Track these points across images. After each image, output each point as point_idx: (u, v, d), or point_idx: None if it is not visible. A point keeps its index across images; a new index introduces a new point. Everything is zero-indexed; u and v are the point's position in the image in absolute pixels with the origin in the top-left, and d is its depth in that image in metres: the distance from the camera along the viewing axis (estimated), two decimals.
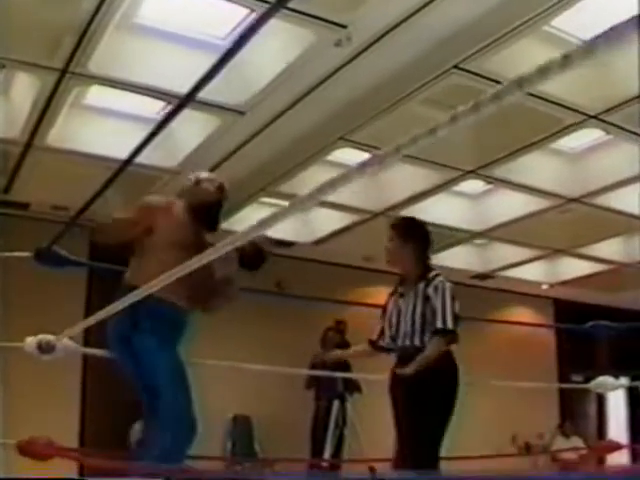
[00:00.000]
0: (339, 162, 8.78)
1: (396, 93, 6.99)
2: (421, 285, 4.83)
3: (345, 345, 10.49)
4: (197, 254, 4.56)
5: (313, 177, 8.84)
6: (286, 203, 8.29)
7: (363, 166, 1.68)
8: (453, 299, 4.75)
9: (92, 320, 3.78)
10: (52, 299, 9.01)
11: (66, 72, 6.58)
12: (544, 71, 1.29)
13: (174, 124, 7.32)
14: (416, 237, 4.86)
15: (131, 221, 4.51)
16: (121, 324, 4.36)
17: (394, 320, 4.90)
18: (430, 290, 4.78)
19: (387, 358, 5.06)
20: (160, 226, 4.45)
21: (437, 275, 4.86)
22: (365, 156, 8.65)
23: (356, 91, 7.01)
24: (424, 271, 4.88)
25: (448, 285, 4.79)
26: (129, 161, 3.20)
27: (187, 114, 6.92)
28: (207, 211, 4.70)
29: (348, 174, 1.73)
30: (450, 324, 4.67)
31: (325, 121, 7.58)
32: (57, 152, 8.13)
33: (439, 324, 4.67)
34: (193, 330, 4.54)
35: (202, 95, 2.48)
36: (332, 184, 1.77)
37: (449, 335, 4.68)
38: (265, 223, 2.08)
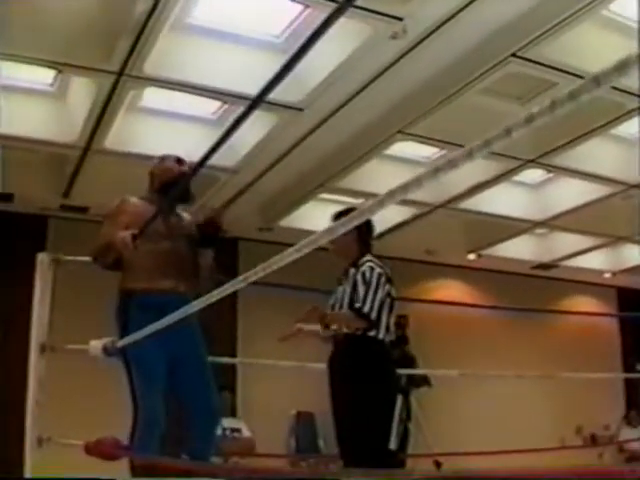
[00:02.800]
0: (398, 156, 8.74)
1: (453, 84, 6.90)
2: (352, 271, 4.81)
3: (405, 340, 10.45)
4: (173, 237, 4.63)
5: (372, 172, 8.80)
6: (346, 199, 8.32)
7: (436, 170, 1.61)
8: (378, 285, 4.70)
9: (150, 329, 3.75)
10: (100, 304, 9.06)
11: (122, 75, 6.60)
12: (622, 66, 1.20)
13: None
14: (356, 227, 4.75)
15: (107, 238, 4.49)
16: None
17: (330, 307, 4.86)
18: (358, 276, 4.75)
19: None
20: (129, 225, 4.43)
21: (368, 261, 4.82)
22: (424, 149, 8.60)
23: (413, 84, 6.96)
24: (359, 258, 4.83)
25: (377, 271, 4.74)
26: (202, 164, 3.16)
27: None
28: (170, 187, 4.65)
29: (421, 177, 1.66)
30: (367, 309, 4.62)
31: (383, 115, 7.54)
32: (115, 155, 8.18)
33: (357, 305, 4.67)
34: (194, 318, 4.46)
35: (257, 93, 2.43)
36: (405, 188, 1.70)
37: (363, 317, 4.63)
38: (340, 226, 2.01)
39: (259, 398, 10.68)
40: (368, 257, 4.84)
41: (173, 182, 4.67)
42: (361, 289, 4.70)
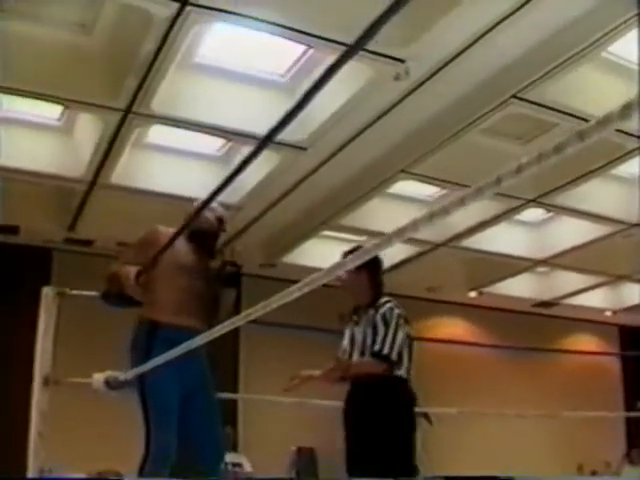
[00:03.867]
0: (400, 194, 8.77)
1: (455, 124, 6.95)
2: (371, 312, 4.76)
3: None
4: (202, 277, 4.67)
5: (375, 210, 8.83)
6: (348, 236, 8.33)
7: (445, 207, 1.65)
8: (397, 326, 4.68)
9: (157, 361, 3.77)
10: (104, 338, 9.09)
11: (129, 112, 6.65)
12: (629, 108, 1.24)
13: (236, 161, 7.39)
14: (368, 265, 4.76)
15: (132, 263, 4.52)
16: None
17: (347, 348, 4.84)
18: (378, 317, 4.71)
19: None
20: (161, 256, 4.45)
21: (387, 302, 4.78)
22: (426, 188, 8.64)
23: (416, 124, 7.01)
24: (375, 297, 4.82)
25: (396, 312, 4.73)
26: (208, 202, 3.21)
27: (248, 151, 6.95)
28: (204, 238, 4.70)
29: (431, 215, 1.69)
30: (387, 350, 4.61)
31: (385, 154, 7.59)
32: (121, 190, 8.20)
33: (376, 347, 4.62)
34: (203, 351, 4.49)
35: (263, 132, 2.47)
36: (414, 225, 1.73)
37: (383, 360, 4.61)
38: (344, 264, 2.06)
39: (260, 433, 10.66)
40: (386, 298, 4.83)
41: (205, 234, 4.72)
42: (381, 330, 4.69)
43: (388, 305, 4.74)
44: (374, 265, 4.86)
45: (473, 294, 12.05)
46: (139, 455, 4.20)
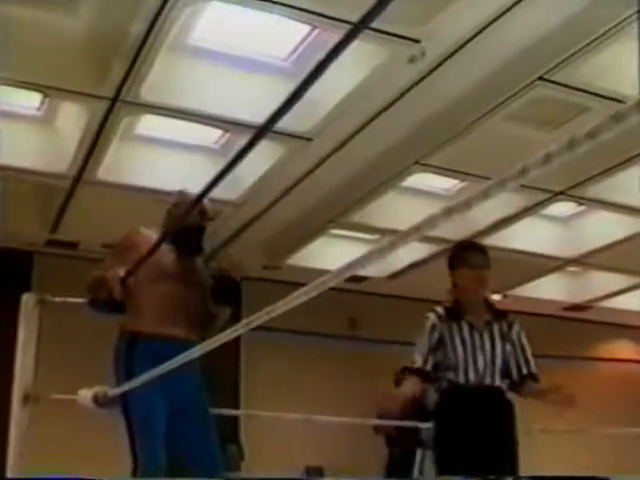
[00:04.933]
0: (415, 188, 8.76)
1: (476, 110, 6.94)
2: (501, 322, 4.86)
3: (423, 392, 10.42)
4: (188, 281, 4.67)
5: (388, 205, 8.82)
6: (359, 235, 8.32)
7: (465, 202, 1.64)
8: None
9: (151, 375, 3.78)
10: (90, 349, 9.08)
11: (116, 100, 6.65)
12: None
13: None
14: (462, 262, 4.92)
15: (99, 273, 4.52)
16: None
17: (461, 352, 4.82)
18: (514, 332, 4.86)
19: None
20: (136, 261, 4.44)
21: (508, 312, 4.98)
22: (444, 181, 8.63)
23: (432, 110, 6.98)
24: (490, 304, 4.93)
25: None
26: (201, 197, 3.21)
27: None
28: (187, 236, 4.68)
29: (450, 210, 1.68)
30: (535, 369, 4.87)
31: (399, 144, 7.56)
32: (108, 186, 8.22)
33: (533, 368, 4.86)
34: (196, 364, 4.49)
35: (263, 121, 2.47)
36: (432, 220, 1.73)
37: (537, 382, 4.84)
38: (355, 264, 2.04)
39: (264, 451, 10.67)
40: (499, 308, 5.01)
41: (188, 231, 4.70)
42: (529, 349, 4.86)
43: (517, 319, 4.91)
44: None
45: (497, 297, 12.02)
46: (126, 474, 4.23)
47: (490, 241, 9.87)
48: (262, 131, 2.47)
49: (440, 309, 4.96)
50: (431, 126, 7.19)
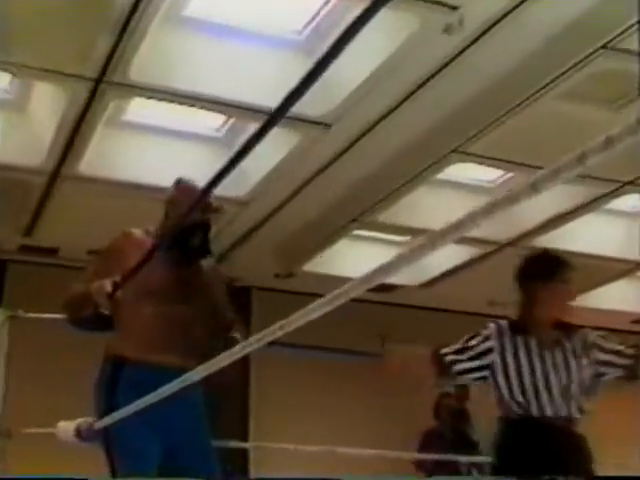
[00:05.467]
0: (453, 181, 8.75)
1: (525, 88, 6.90)
2: (571, 336, 4.87)
3: (464, 415, 10.46)
4: (189, 294, 4.63)
5: (421, 201, 8.81)
6: (387, 236, 8.31)
7: (512, 196, 1.64)
8: None
9: (137, 406, 3.81)
10: (71, 373, 9.08)
11: (101, 81, 6.66)
12: None
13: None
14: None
15: (82, 286, 4.52)
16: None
17: (528, 375, 4.82)
18: (589, 343, 4.87)
19: None
20: (126, 270, 4.42)
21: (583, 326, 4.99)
22: (487, 172, 8.61)
23: (472, 89, 6.97)
24: (559, 318, 4.99)
25: None
26: (205, 193, 3.23)
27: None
28: (189, 236, 4.67)
29: (495, 204, 1.68)
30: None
31: (433, 130, 7.54)
32: (92, 182, 8.25)
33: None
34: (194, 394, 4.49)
35: (274, 105, 2.48)
36: (472, 218, 1.73)
37: None
38: (384, 270, 2.05)
39: None
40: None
41: (190, 230, 4.67)
42: (622, 349, 4.93)
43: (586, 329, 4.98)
44: None
45: None
46: None
47: (542, 242, 9.85)
48: (276, 116, 2.48)
49: (503, 322, 5.06)
50: (471, 108, 7.17)
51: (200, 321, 4.65)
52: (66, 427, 4.79)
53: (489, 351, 4.93)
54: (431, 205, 8.79)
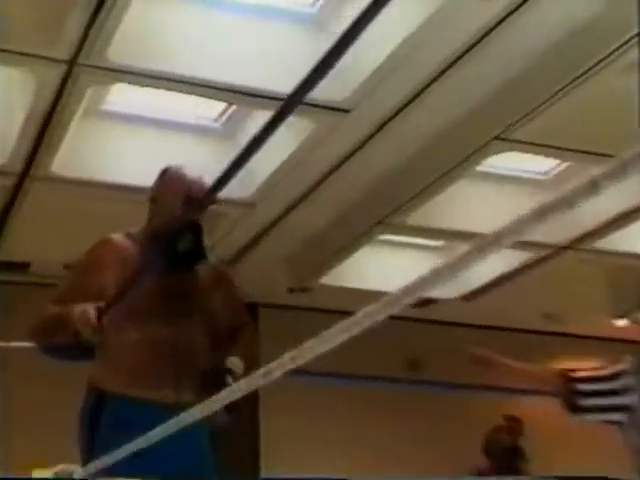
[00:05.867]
0: (497, 173, 8.71)
1: (582, 59, 6.83)
2: None
3: (519, 453, 10.45)
4: (183, 312, 4.57)
5: (457, 199, 8.76)
6: (418, 240, 8.28)
7: (570, 192, 1.57)
8: None
9: (127, 450, 3.79)
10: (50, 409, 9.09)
11: (75, 64, 6.65)
12: None
13: (242, 133, 7.38)
14: None
15: (59, 310, 4.50)
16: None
17: None
18: None
19: None
20: (108, 285, 4.40)
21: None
22: (536, 161, 8.58)
23: (517, 63, 6.93)
24: None
25: None
26: (210, 195, 3.23)
27: (261, 120, 6.90)
28: (175, 239, 4.54)
29: (550, 207, 1.63)
30: None
31: (473, 112, 7.49)
32: (67, 184, 8.27)
33: None
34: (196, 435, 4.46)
35: (282, 90, 2.47)
36: (522, 223, 1.67)
37: None
38: (421, 285, 1.98)
39: None
40: None
41: (177, 231, 4.59)
42: None
43: None
44: None
45: (620, 322, 11.94)
46: None
47: (606, 244, 9.81)
48: (290, 104, 2.45)
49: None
50: (516, 86, 7.13)
51: (199, 342, 4.61)
52: (41, 475, 4.77)
53: (628, 390, 4.82)
54: (470, 202, 8.75)
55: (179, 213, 4.56)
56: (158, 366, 4.45)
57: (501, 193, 8.67)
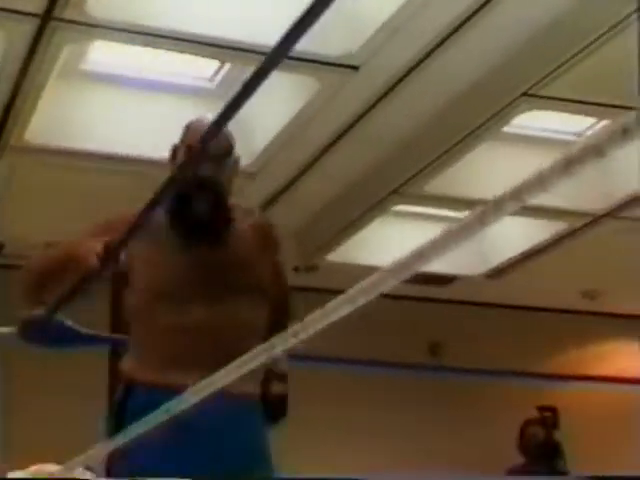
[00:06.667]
0: (524, 134, 8.69)
1: (615, 13, 6.86)
2: None
3: (555, 447, 10.43)
4: (210, 283, 4.51)
5: (481, 163, 8.75)
6: (436, 211, 8.34)
7: (601, 146, 1.54)
8: None
9: (122, 440, 3.82)
10: (58, 397, 9.14)
11: (50, 18, 6.64)
12: None
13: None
14: None
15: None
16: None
17: None
18: None
19: None
20: (136, 267, 4.43)
21: None
22: (567, 120, 8.57)
23: (547, 10, 6.93)
24: None
25: None
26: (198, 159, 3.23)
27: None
28: (189, 201, 4.52)
29: (578, 159, 1.61)
30: None
31: (496, 68, 7.46)
32: (43, 154, 8.28)
33: None
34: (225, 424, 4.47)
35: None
36: (543, 180, 1.66)
37: None
38: (425, 252, 1.98)
39: None
40: None
41: (190, 192, 4.49)
42: None
43: None
44: None
45: None
46: None
47: None
48: (278, 53, 2.43)
49: None
50: (547, 36, 7.10)
51: (245, 319, 4.56)
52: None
53: None
54: (495, 168, 8.73)
55: (192, 168, 4.46)
56: (193, 351, 4.42)
57: (530, 157, 8.63)
